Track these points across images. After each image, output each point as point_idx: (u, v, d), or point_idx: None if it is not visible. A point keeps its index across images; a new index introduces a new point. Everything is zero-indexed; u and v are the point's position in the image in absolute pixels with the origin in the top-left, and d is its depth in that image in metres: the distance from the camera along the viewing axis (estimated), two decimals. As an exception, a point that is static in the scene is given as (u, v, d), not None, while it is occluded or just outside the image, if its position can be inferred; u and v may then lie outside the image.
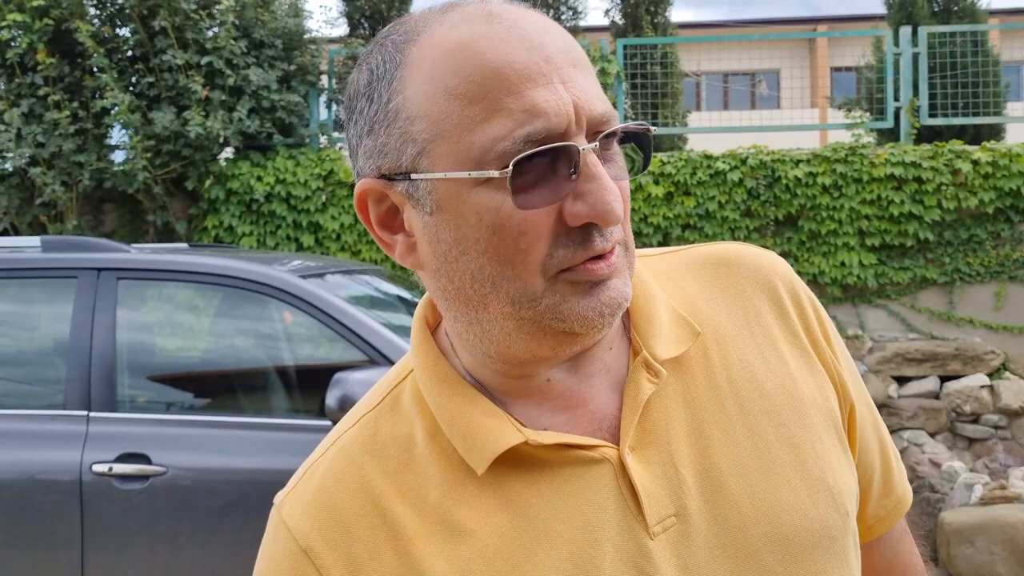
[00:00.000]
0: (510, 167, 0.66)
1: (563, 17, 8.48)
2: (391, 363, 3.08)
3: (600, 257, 0.70)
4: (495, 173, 0.67)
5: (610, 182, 0.68)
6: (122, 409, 3.24)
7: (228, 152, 7.22)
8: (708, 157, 6.86)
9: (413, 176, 0.71)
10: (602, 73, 7.13)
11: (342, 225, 6.96)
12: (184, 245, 4.48)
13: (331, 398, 2.89)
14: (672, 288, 0.83)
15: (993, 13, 10.71)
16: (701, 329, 0.80)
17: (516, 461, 0.73)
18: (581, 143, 0.68)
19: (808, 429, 0.78)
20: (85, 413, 3.19)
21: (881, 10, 8.86)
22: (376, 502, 0.74)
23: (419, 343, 0.80)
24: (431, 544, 0.72)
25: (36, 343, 3.59)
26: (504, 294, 0.70)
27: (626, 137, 0.74)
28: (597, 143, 0.69)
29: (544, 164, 0.68)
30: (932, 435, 6.01)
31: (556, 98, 0.67)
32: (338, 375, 2.93)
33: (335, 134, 7.56)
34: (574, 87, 0.68)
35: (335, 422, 2.94)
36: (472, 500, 0.73)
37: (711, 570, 0.72)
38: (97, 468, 3.08)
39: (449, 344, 0.79)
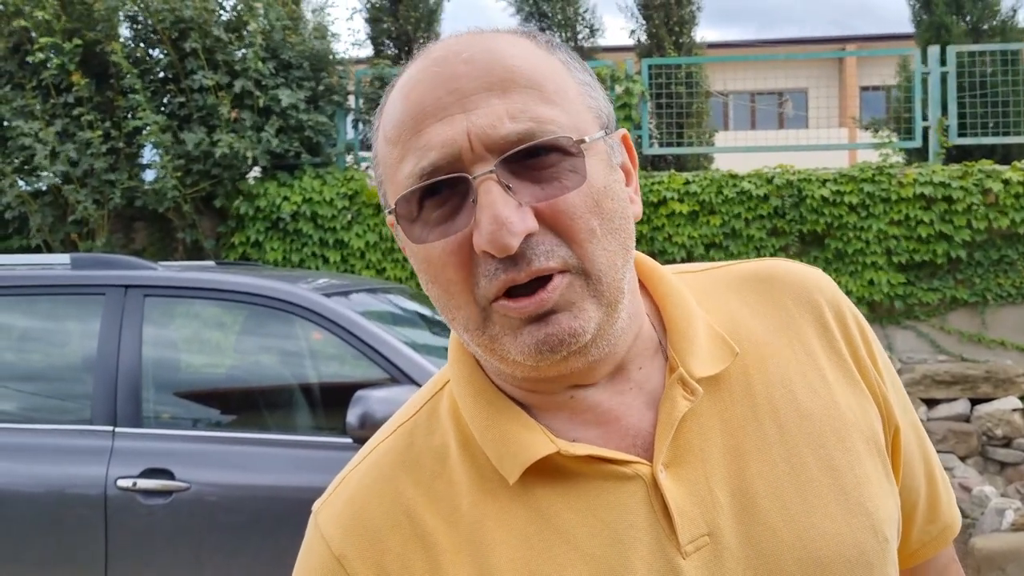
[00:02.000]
0: (394, 205, 0.70)
1: (580, 36, 8.51)
2: (412, 381, 3.09)
3: (529, 291, 0.67)
4: (390, 212, 0.71)
5: (498, 210, 0.65)
6: (147, 425, 3.28)
7: (256, 171, 7.31)
8: (733, 176, 6.84)
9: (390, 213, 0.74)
10: (627, 93, 7.14)
11: (367, 243, 7.01)
12: (211, 263, 4.53)
13: (352, 416, 2.90)
14: (712, 305, 0.82)
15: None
16: (740, 348, 0.78)
17: (548, 472, 0.73)
18: (477, 171, 0.67)
19: (849, 452, 0.77)
20: (111, 428, 3.23)
21: (910, 28, 8.82)
22: (408, 513, 0.75)
23: (455, 355, 0.80)
24: (460, 554, 0.73)
25: (64, 359, 3.64)
26: (459, 322, 0.72)
27: (551, 150, 0.69)
28: (494, 169, 0.66)
29: (440, 197, 0.68)
30: (962, 459, 5.92)
31: (447, 130, 0.67)
32: (359, 393, 2.94)
33: (361, 153, 7.64)
34: (475, 114, 0.67)
35: (355, 439, 2.95)
36: (502, 510, 0.73)
37: None
38: (122, 483, 3.11)
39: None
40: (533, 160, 0.68)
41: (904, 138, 7.46)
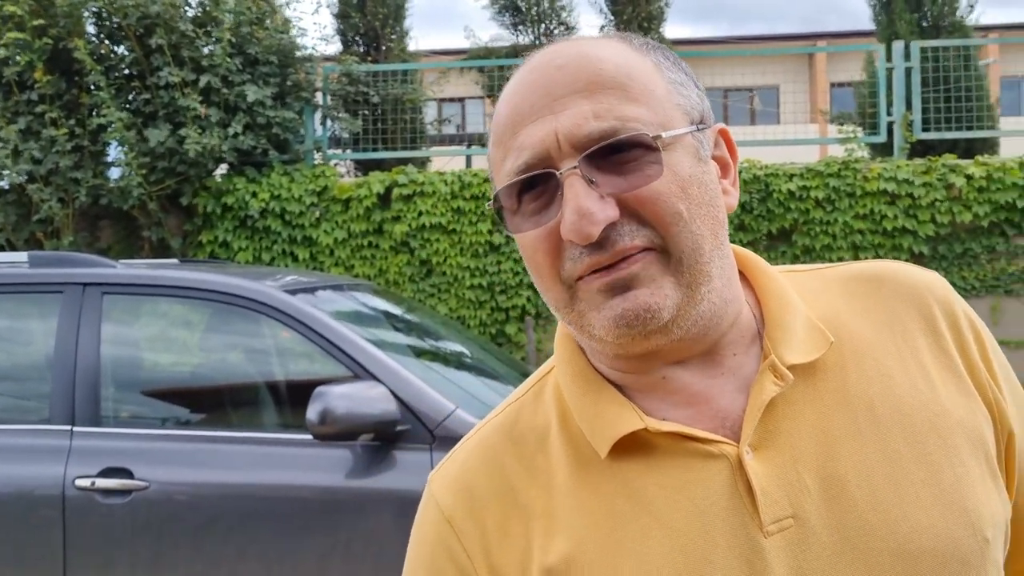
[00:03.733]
0: (491, 199, 0.79)
1: (555, 32, 8.53)
2: (375, 378, 3.08)
3: (609, 267, 0.73)
4: (489, 205, 0.80)
5: (580, 201, 0.72)
6: (106, 424, 3.25)
7: (223, 168, 7.27)
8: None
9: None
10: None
11: (336, 240, 6.99)
12: (174, 261, 4.49)
13: (312, 412, 2.89)
14: (816, 301, 0.84)
15: (991, 28, 10.75)
16: (837, 339, 0.80)
17: (637, 448, 0.77)
18: (564, 167, 0.73)
19: (949, 450, 0.76)
20: (69, 428, 3.20)
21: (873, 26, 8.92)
22: (510, 483, 0.82)
23: (560, 341, 0.87)
24: (554, 523, 0.78)
25: (22, 358, 3.60)
26: (551, 303, 0.80)
27: (633, 146, 0.74)
28: (577, 164, 0.73)
29: (534, 191, 0.76)
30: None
31: (538, 130, 0.74)
32: (319, 389, 2.93)
33: (329, 151, 7.61)
34: (563, 115, 0.74)
35: (316, 436, 2.94)
36: (593, 482, 0.78)
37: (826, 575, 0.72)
38: (80, 483, 3.08)
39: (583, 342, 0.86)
40: (616, 155, 0.73)
41: (869, 133, 7.54)
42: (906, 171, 6.66)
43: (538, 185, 0.75)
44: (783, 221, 6.77)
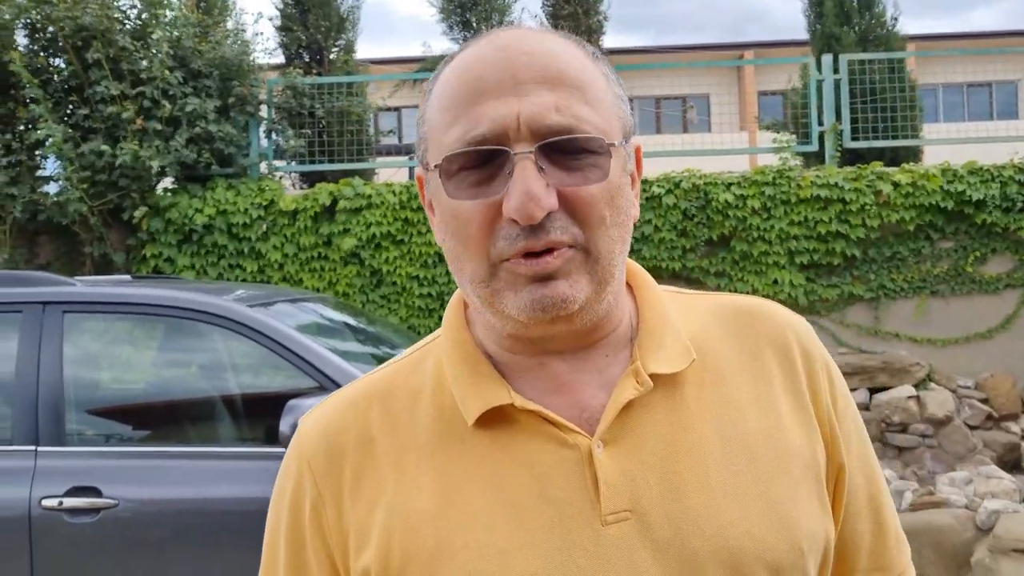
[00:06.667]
0: (440, 161, 0.80)
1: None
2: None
3: (538, 255, 0.78)
4: (433, 165, 0.82)
5: (530, 185, 0.76)
6: (71, 443, 3.23)
7: (167, 182, 7.18)
8: (644, 181, 7.05)
9: (427, 169, 0.85)
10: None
11: (284, 254, 6.97)
12: (127, 277, 4.46)
13: (284, 424, 2.93)
14: (690, 320, 0.91)
15: (910, 39, 11.20)
16: (700, 359, 0.87)
17: (501, 422, 0.83)
18: (518, 148, 0.77)
19: (783, 473, 0.84)
20: (33, 448, 3.17)
21: (804, 36, 9.24)
22: (371, 435, 0.86)
23: (449, 313, 0.92)
24: (406, 477, 0.84)
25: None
26: (467, 274, 0.82)
27: (584, 146, 0.79)
28: (533, 150, 0.77)
29: (481, 164, 0.78)
30: (863, 445, 6.23)
31: (501, 108, 0.78)
32: (291, 402, 2.97)
33: (275, 163, 7.58)
34: (528, 101, 0.78)
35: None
36: (454, 447, 0.84)
37: (653, 567, 0.78)
38: (47, 503, 3.06)
39: (471, 317, 0.91)
40: (566, 152, 0.78)
41: (802, 142, 7.82)
42: (837, 178, 6.93)
43: (486, 160, 0.78)
44: (722, 228, 6.98)
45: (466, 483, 0.82)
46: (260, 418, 3.42)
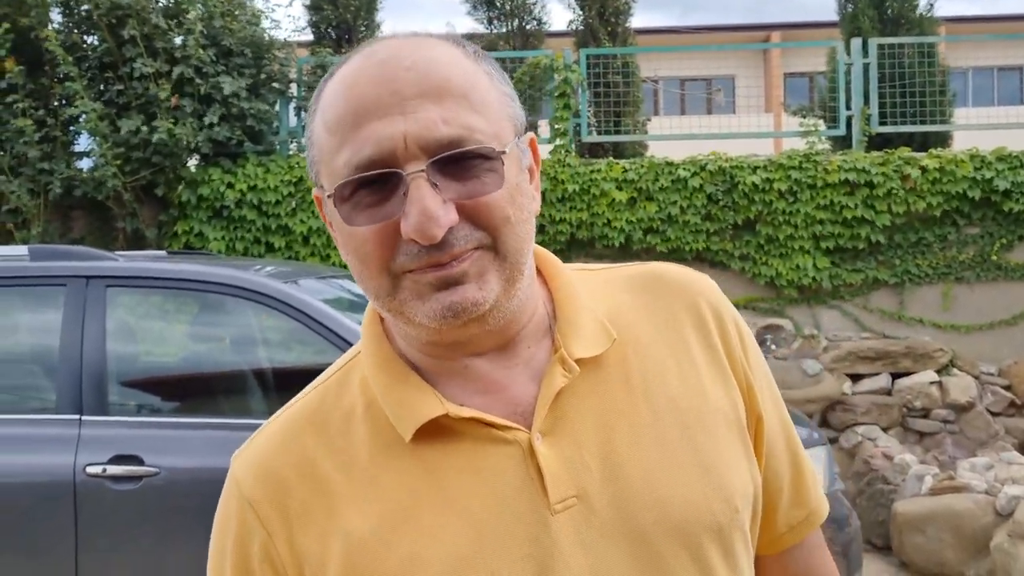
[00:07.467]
0: (332, 190, 0.80)
1: (528, 27, 8.68)
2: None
3: (441, 265, 0.77)
4: (327, 195, 0.81)
5: (426, 204, 0.75)
6: (113, 412, 3.34)
7: (196, 159, 7.29)
8: (669, 164, 7.08)
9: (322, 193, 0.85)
10: (565, 83, 7.32)
11: (311, 229, 7.07)
12: (162, 253, 4.56)
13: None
14: (602, 298, 0.92)
15: (939, 21, 11.10)
16: (619, 335, 0.88)
17: (438, 433, 0.83)
18: (409, 168, 0.76)
19: (710, 433, 0.87)
20: (77, 417, 3.28)
21: (833, 17, 9.19)
22: (311, 464, 0.85)
23: (366, 327, 0.91)
24: (355, 502, 0.83)
25: (27, 349, 3.66)
26: (369, 290, 0.82)
27: (476, 156, 0.78)
28: (425, 167, 0.76)
29: (375, 186, 0.77)
30: (885, 430, 6.28)
31: (386, 128, 0.76)
32: (327, 377, 3.05)
33: (303, 141, 7.67)
34: (413, 118, 0.76)
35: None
36: (396, 464, 0.83)
37: (605, 547, 0.81)
38: (91, 470, 3.17)
39: (389, 329, 0.90)
40: (458, 163, 0.78)
41: (829, 126, 7.80)
42: (864, 162, 6.93)
43: (378, 181, 0.77)
44: (747, 212, 7.00)
45: (416, 498, 0.82)
46: (293, 391, 3.51)
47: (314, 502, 0.84)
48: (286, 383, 3.67)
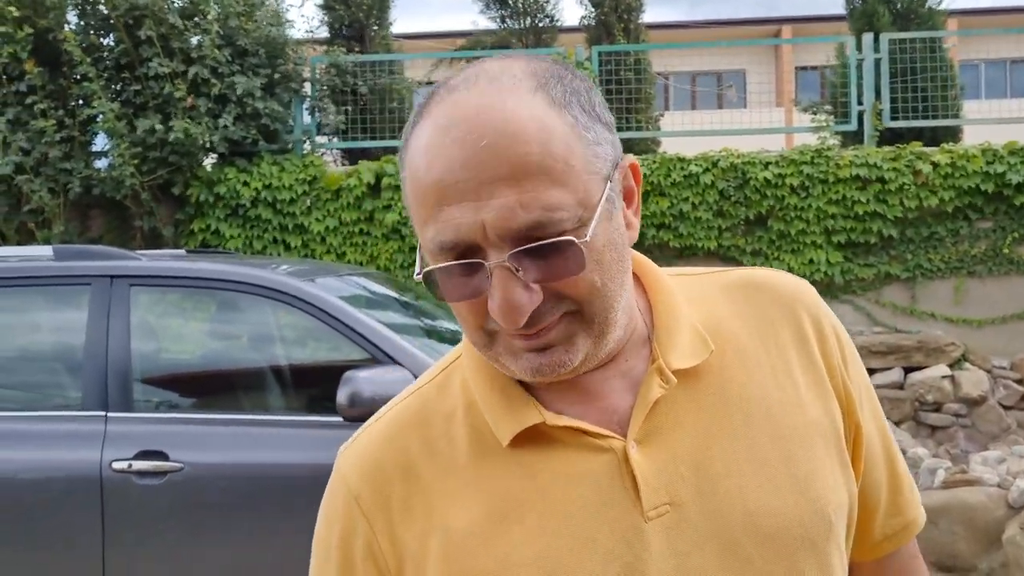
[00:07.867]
0: (421, 273, 0.81)
1: (540, 25, 8.72)
2: (395, 361, 3.28)
3: (529, 336, 0.79)
4: (418, 272, 0.82)
5: (510, 295, 0.76)
6: (138, 409, 3.41)
7: (212, 159, 7.37)
8: (682, 160, 7.11)
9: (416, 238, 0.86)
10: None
11: (327, 228, 7.14)
12: (181, 251, 4.63)
13: (341, 395, 3.08)
14: (700, 307, 0.92)
15: (951, 14, 11.07)
16: (717, 345, 0.89)
17: (535, 439, 0.85)
18: (492, 258, 0.77)
19: (806, 448, 0.87)
20: (103, 413, 3.35)
21: (841, 10, 9.19)
22: (414, 463, 0.88)
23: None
24: (455, 501, 0.86)
25: (52, 347, 3.73)
26: (467, 336, 0.85)
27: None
28: (506, 259, 0.76)
29: (461, 267, 0.78)
30: (897, 423, 6.30)
31: (465, 215, 0.76)
32: (348, 374, 3.11)
33: (318, 139, 7.74)
34: (489, 205, 0.75)
35: (345, 418, 3.13)
36: (494, 467, 0.86)
37: (697, 555, 0.82)
38: (117, 465, 3.24)
39: None
40: (541, 247, 0.77)
41: (840, 122, 7.81)
42: (876, 157, 6.94)
43: (465, 266, 0.78)
44: (759, 207, 7.03)
45: (514, 500, 0.84)
46: (317, 388, 3.57)
47: (415, 499, 0.87)
48: (304, 379, 3.74)
